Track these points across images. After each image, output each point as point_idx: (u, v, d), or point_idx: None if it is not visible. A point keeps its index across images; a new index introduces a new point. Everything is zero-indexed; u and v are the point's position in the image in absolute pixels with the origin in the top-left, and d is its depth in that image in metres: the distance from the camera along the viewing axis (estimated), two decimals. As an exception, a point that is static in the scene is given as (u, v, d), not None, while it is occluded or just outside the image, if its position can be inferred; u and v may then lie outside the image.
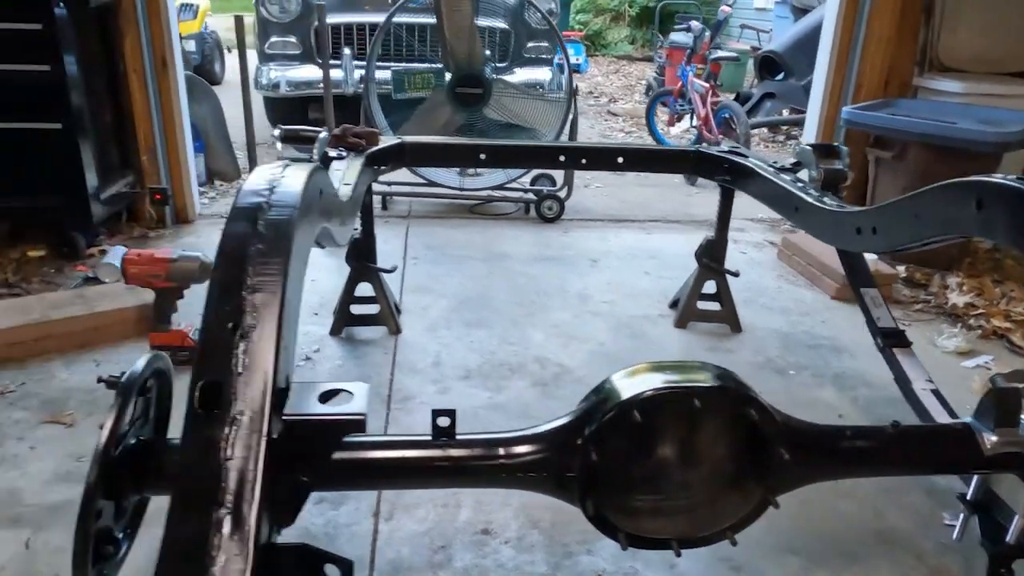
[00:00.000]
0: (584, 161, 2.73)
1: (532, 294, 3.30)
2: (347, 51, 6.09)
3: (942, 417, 1.93)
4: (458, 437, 1.41)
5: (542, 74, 6.23)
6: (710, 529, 1.52)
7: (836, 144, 2.48)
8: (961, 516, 1.71)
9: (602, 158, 2.76)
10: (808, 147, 2.46)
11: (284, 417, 0.97)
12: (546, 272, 3.57)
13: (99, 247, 3.56)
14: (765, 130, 7.24)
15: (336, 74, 6.11)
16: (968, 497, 1.68)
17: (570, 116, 4.38)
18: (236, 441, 0.92)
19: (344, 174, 2.23)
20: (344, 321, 2.84)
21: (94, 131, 3.42)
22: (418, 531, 1.85)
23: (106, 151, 3.60)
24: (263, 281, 1.03)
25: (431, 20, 4.87)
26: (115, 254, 3.34)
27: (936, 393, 2.00)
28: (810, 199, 2.19)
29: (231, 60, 10.39)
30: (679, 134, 6.86)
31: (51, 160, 3.26)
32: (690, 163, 2.82)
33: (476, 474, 1.42)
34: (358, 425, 0.98)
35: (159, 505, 1.14)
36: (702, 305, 3.05)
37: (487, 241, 3.99)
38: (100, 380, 1.39)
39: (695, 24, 6.28)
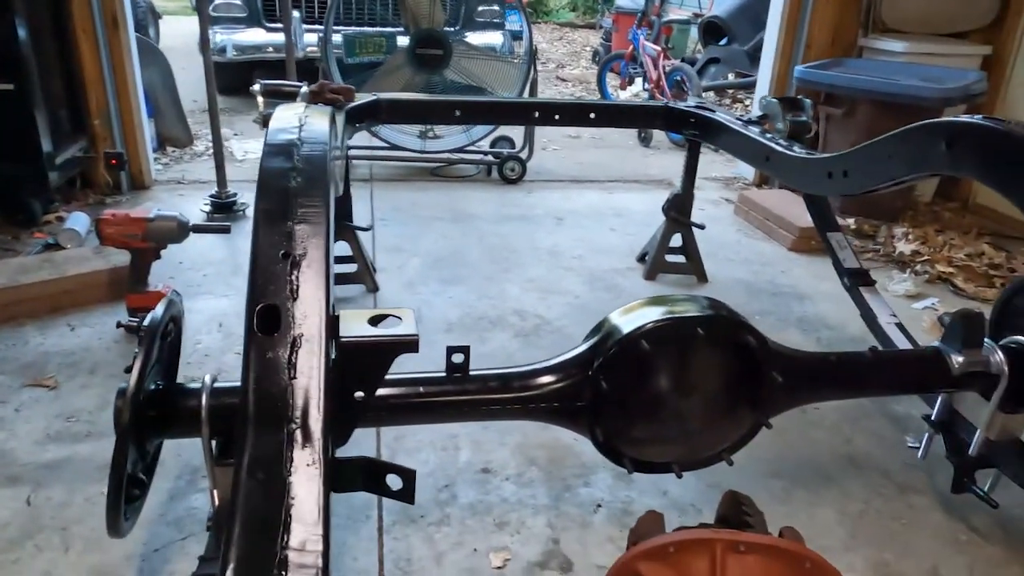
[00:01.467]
0: (558, 117, 2.78)
1: (504, 251, 3.36)
2: (296, 14, 5.96)
3: (906, 347, 2.08)
4: (472, 373, 1.47)
5: (494, 38, 6.24)
6: (708, 452, 1.62)
7: (800, 97, 2.59)
8: (925, 436, 1.87)
9: (575, 113, 2.82)
10: (774, 100, 2.58)
11: (342, 340, 1.01)
12: (515, 231, 3.63)
13: (55, 214, 3.45)
14: (712, 94, 7.39)
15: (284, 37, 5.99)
16: (932, 417, 1.83)
17: (530, 79, 4.41)
18: (299, 362, 0.95)
19: (327, 129, 2.23)
20: (321, 280, 2.84)
21: (45, 93, 3.29)
22: (422, 472, 1.91)
23: (57, 115, 3.47)
24: (307, 213, 1.06)
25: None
26: (75, 220, 3.28)
27: (900, 326, 2.15)
28: (780, 148, 2.30)
29: (164, 25, 10.01)
30: (628, 97, 6.96)
31: (2, 123, 3.13)
32: (659, 118, 2.90)
33: (493, 407, 1.49)
34: (411, 345, 1.03)
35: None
36: (670, 258, 3.17)
37: (453, 202, 4.02)
38: (119, 325, 1.40)
39: (647, -13, 6.36)
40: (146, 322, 1.32)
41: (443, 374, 1.44)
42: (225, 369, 2.34)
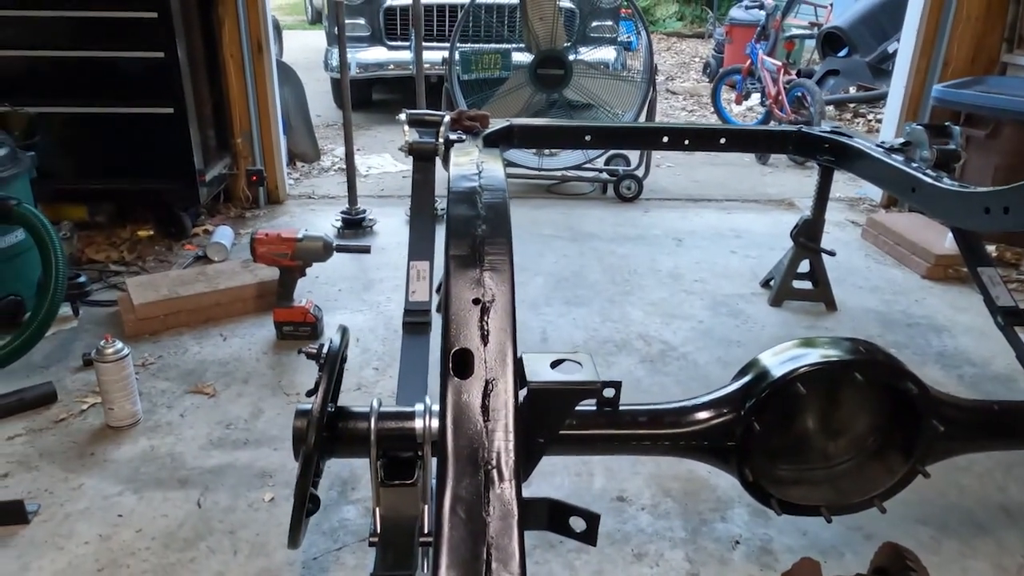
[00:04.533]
0: (687, 142, 2.77)
1: (624, 273, 3.37)
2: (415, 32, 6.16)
3: (1069, 394, 1.96)
4: (622, 408, 1.50)
5: (606, 53, 6.24)
6: (858, 497, 1.59)
7: (948, 124, 2.49)
8: (1092, 490, 1.76)
9: (705, 139, 2.80)
10: (920, 127, 2.48)
11: (528, 384, 1.06)
12: (634, 251, 3.63)
13: (202, 227, 3.71)
14: (832, 108, 7.15)
15: (404, 55, 6.22)
16: (1101, 472, 1.72)
17: (648, 98, 4.41)
18: (491, 406, 1.01)
19: (468, 156, 2.31)
20: (450, 298, 2.94)
21: (198, 115, 3.55)
22: (558, 495, 1.94)
23: (206, 135, 3.73)
24: (494, 260, 1.12)
25: (510, 0, 4.94)
26: (221, 234, 3.51)
27: (1062, 371, 2.03)
28: (929, 179, 2.21)
29: (287, 40, 10.53)
30: (742, 112, 6.83)
31: (161, 144, 3.39)
32: (792, 143, 2.84)
33: (644, 442, 1.51)
34: (593, 392, 1.07)
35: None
36: (797, 284, 3.10)
37: (570, 220, 4.06)
38: (300, 351, 1.50)
39: (768, 2, 6.22)
40: (326, 349, 1.42)
41: (594, 408, 1.47)
42: (365, 384, 2.46)
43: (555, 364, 1.09)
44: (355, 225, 3.78)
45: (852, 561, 1.78)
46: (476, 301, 1.07)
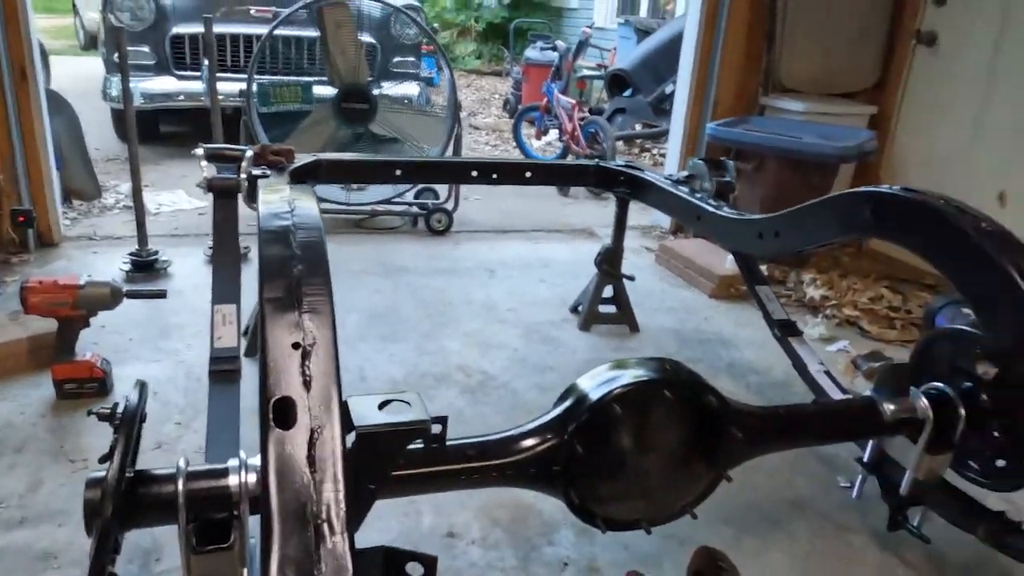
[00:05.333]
0: (495, 176, 2.86)
1: (439, 306, 3.38)
2: (206, 62, 5.85)
3: (836, 394, 2.24)
4: (448, 443, 1.49)
5: (409, 89, 6.30)
6: (673, 507, 1.70)
7: (723, 159, 2.77)
8: (859, 478, 2.01)
9: (512, 173, 2.91)
10: (701, 162, 2.75)
11: (356, 429, 1.02)
12: (448, 284, 3.66)
13: (-43, 276, 3.23)
14: (621, 143, 7.71)
15: (195, 86, 5.87)
16: (865, 460, 1.97)
17: (454, 133, 4.50)
18: (318, 456, 0.96)
19: (273, 192, 2.21)
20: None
21: (-53, 149, 3.11)
22: (387, 539, 1.87)
23: (-41, 170, 3.28)
24: (313, 301, 1.07)
25: (310, 33, 4.84)
26: (-18, 283, 3.07)
27: (828, 374, 2.31)
28: (711, 208, 2.45)
29: (57, 67, 9.55)
30: (542, 146, 7.17)
31: (-100, 181, 2.93)
32: (592, 177, 3.03)
33: (473, 476, 1.50)
34: (422, 432, 1.05)
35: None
36: (602, 309, 3.28)
37: (381, 256, 4.01)
38: (91, 413, 1.34)
39: (560, 44, 6.61)
40: (121, 408, 1.28)
41: (420, 445, 1.45)
42: (166, 442, 2.25)
43: (383, 405, 1.06)
44: (146, 268, 3.47)
45: (670, 568, 1.88)
46: (296, 345, 1.02)
